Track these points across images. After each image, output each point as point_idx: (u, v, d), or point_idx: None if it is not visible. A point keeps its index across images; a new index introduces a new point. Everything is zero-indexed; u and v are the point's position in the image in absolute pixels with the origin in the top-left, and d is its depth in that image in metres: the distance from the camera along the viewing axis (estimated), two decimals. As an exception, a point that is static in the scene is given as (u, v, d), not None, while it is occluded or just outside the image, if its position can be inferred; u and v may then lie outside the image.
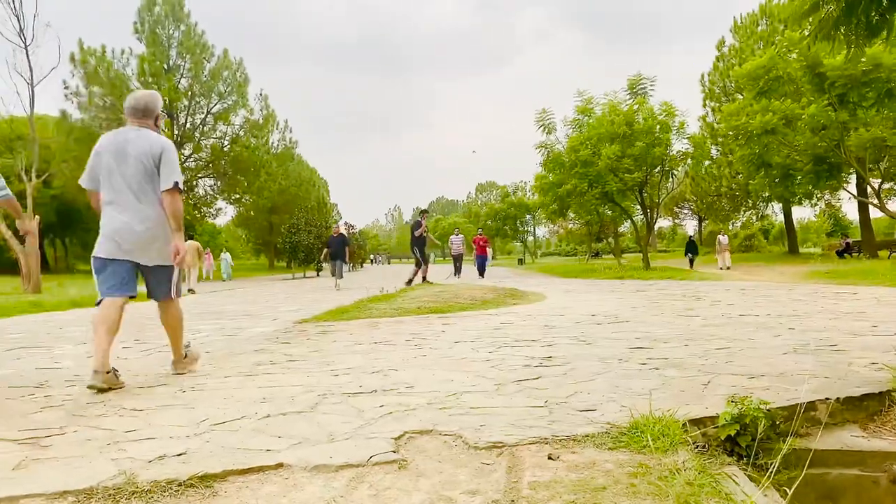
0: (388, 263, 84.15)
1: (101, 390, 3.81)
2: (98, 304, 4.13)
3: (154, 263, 4.26)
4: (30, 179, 20.86)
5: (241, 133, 38.88)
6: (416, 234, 17.28)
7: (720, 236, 28.19)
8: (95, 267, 4.17)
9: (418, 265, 17.40)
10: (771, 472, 2.24)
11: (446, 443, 2.57)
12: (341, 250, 19.03)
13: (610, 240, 51.96)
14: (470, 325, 7.17)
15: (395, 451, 2.45)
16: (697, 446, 2.50)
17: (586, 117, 24.95)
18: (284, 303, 12.84)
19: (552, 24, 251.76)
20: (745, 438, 2.60)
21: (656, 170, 24.60)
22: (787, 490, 2.08)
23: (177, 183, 4.18)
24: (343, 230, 19.90)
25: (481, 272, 23.41)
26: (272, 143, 41.66)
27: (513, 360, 4.57)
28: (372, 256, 78.92)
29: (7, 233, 20.57)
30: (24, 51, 20.26)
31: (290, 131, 43.64)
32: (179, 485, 2.15)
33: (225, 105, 38.12)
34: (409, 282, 16.83)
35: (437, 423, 2.81)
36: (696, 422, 2.74)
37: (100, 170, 4.21)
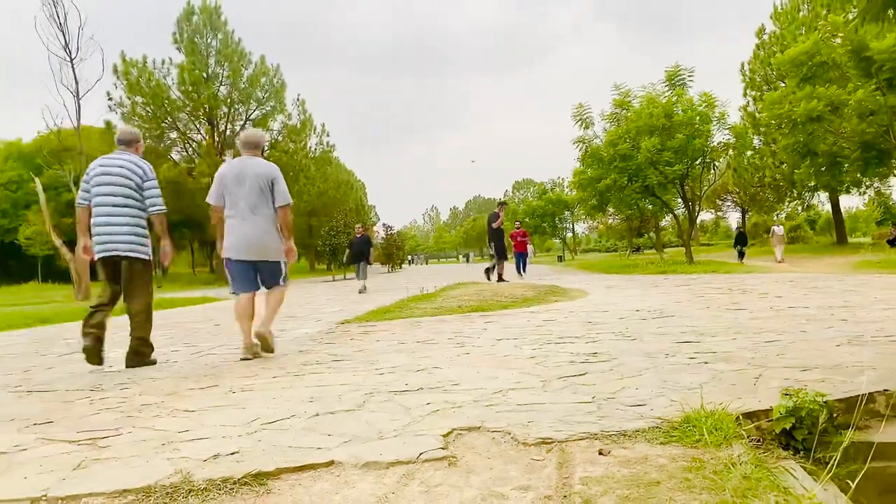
0: (426, 264, 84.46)
1: (250, 358, 5.29)
2: (233, 293, 5.45)
3: (267, 259, 5.38)
4: (78, 189, 21.46)
5: (280, 138, 39.43)
6: (494, 226, 16.00)
7: (775, 227, 27.16)
8: (227, 266, 5.37)
9: (498, 257, 16.07)
10: (832, 466, 2.18)
11: (495, 439, 2.56)
12: (365, 251, 17.79)
13: (651, 234, 51.23)
14: (511, 323, 7.15)
15: (444, 448, 2.45)
16: (752, 440, 2.45)
17: (624, 110, 24.64)
18: (327, 304, 12.97)
19: (588, 18, 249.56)
20: (801, 432, 2.54)
21: (697, 162, 24.16)
22: (850, 483, 2.03)
23: (288, 204, 5.38)
24: (362, 230, 18.53)
25: (521, 270, 21.44)
26: (310, 147, 42.10)
27: (557, 356, 4.54)
28: (410, 257, 79.31)
29: (58, 241, 21.20)
30: (70, 64, 20.85)
31: (328, 135, 44.02)
32: (234, 483, 2.19)
33: (263, 111, 38.70)
34: (489, 270, 16.11)
35: (484, 420, 2.81)
36: (750, 415, 2.68)
37: (223, 190, 5.32)
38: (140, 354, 5.41)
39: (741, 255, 27.34)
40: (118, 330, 7.44)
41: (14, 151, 51.72)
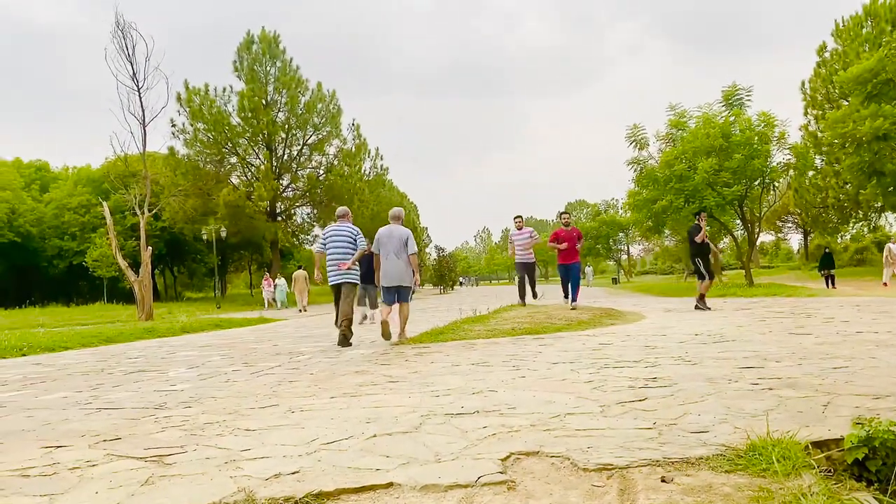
0: (476, 285, 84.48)
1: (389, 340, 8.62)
2: (382, 303, 8.82)
3: (404, 284, 8.58)
4: (143, 213, 22.23)
5: (335, 162, 40.17)
6: (697, 239, 13.32)
7: (891, 244, 22.94)
8: (381, 288, 8.77)
9: (701, 277, 13.35)
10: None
11: (554, 464, 2.54)
12: (370, 272, 12.94)
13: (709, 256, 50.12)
14: (567, 346, 7.07)
15: (502, 473, 2.44)
16: (822, 471, 2.36)
17: (680, 131, 24.29)
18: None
19: (642, 38, 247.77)
20: (874, 463, 2.44)
21: (756, 182, 23.60)
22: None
23: (415, 252, 8.67)
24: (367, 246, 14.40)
25: (570, 293, 13.51)
26: (364, 170, 42.76)
27: (615, 381, 4.47)
28: (461, 279, 79.33)
29: (123, 263, 21.94)
30: (137, 93, 21.70)
31: (381, 158, 44.64)
32: (296, 502, 2.22)
33: (319, 136, 39.55)
34: (700, 298, 13.11)
35: (542, 445, 2.78)
36: (819, 444, 2.59)
37: (380, 244, 8.66)
38: (346, 337, 8.73)
39: (830, 280, 24.21)
40: (177, 350, 7.63)
41: (83, 177, 54.00)
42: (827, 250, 26.50)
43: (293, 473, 2.54)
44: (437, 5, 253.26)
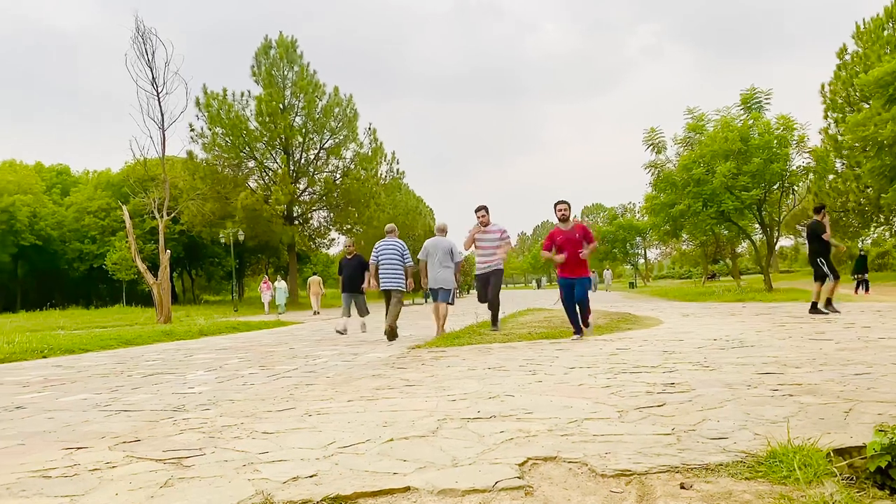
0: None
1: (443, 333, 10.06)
2: (429, 301, 10.58)
3: (445, 287, 10.22)
4: (161, 217, 22.42)
5: (352, 166, 40.38)
6: (825, 237, 11.82)
7: None
8: (430, 291, 10.42)
9: (821, 279, 11.76)
10: (934, 508, 2.06)
11: (571, 470, 2.52)
12: (358, 277, 11.92)
13: (727, 260, 49.71)
14: (584, 351, 7.05)
15: (520, 478, 2.43)
16: (844, 478, 2.33)
17: (698, 135, 24.17)
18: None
19: (661, 42, 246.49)
20: (898, 471, 2.40)
21: (775, 186, 23.43)
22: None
23: (458, 262, 10.38)
24: (353, 250, 12.79)
25: (578, 316, 8.95)
26: (380, 174, 42.93)
27: (633, 386, 4.45)
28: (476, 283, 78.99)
29: (142, 266, 22.14)
30: (157, 98, 21.92)
31: (397, 162, 44.84)
32: (313, 505, 2.23)
33: (336, 140, 39.79)
34: (827, 303, 11.72)
35: (560, 450, 2.77)
36: (841, 452, 2.55)
37: (427, 254, 10.25)
38: (393, 332, 10.02)
39: (863, 284, 22.50)
40: (195, 353, 7.69)
41: (103, 181, 54.64)
42: (862, 253, 25.28)
43: (311, 477, 2.54)
44: (456, 9, 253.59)
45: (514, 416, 3.58)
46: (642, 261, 75.11)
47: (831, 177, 32.24)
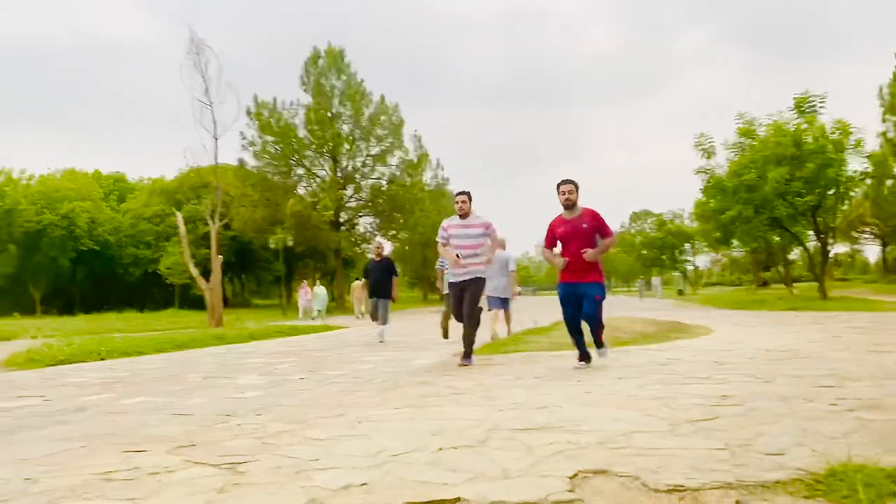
0: (535, 295, 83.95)
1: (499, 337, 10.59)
2: (489, 310, 10.38)
3: (503, 296, 11.05)
4: (214, 223, 22.95)
5: (398, 173, 40.72)
6: None
7: None
8: (487, 297, 10.25)
9: None
10: None
11: (623, 484, 2.50)
12: (385, 282, 11.59)
13: (779, 268, 48.44)
14: (633, 361, 6.95)
15: (571, 491, 2.42)
16: (908, 500, 2.26)
17: (749, 139, 23.65)
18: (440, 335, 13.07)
19: (710, 45, 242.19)
20: (967, 493, 2.31)
21: (831, 192, 22.76)
22: None
23: (514, 270, 11.31)
24: (380, 253, 12.24)
25: (583, 336, 6.61)
26: (426, 180, 43.14)
27: (684, 398, 4.37)
28: (520, 289, 78.60)
29: (195, 271, 22.69)
30: (210, 108, 22.49)
31: (442, 169, 44.96)
32: (366, 514, 2.25)
33: (382, 147, 40.22)
34: None
35: (611, 464, 2.75)
36: (905, 472, 2.47)
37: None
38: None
39: None
40: (246, 357, 7.80)
41: (158, 188, 56.25)
42: None
43: (362, 485, 2.57)
44: (502, 15, 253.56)
45: (564, 428, 3.56)
46: (691, 268, 73.73)
47: (889, 182, 31.14)
